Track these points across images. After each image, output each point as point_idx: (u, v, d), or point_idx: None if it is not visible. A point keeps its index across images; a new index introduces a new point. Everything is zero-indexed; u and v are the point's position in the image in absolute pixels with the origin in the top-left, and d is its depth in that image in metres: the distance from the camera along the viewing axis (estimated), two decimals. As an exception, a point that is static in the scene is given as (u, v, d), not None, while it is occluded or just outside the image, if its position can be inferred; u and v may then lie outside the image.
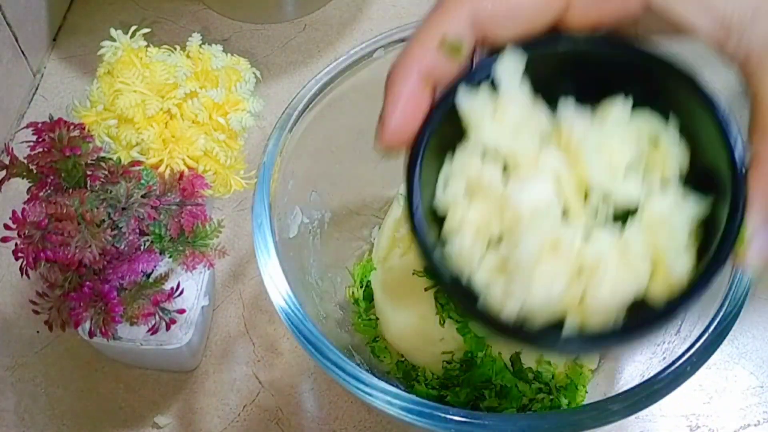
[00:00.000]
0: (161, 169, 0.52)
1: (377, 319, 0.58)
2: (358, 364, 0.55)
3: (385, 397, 0.43)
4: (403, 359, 0.57)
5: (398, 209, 0.60)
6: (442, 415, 0.41)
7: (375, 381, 0.43)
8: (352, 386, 0.43)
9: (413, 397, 0.43)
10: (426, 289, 0.54)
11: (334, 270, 0.59)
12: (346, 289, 0.60)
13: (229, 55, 0.55)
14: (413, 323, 0.55)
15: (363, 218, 0.63)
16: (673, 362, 0.42)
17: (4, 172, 0.49)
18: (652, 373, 0.43)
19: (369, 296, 0.59)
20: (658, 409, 0.58)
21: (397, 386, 0.55)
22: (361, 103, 0.57)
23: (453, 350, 0.55)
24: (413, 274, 0.55)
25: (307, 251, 0.56)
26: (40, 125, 0.49)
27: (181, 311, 0.51)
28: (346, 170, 0.60)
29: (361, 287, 0.59)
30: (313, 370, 0.60)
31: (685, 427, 0.58)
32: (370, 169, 0.61)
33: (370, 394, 0.43)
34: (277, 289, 0.46)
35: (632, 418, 0.57)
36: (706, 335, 0.44)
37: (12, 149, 0.50)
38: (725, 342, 0.60)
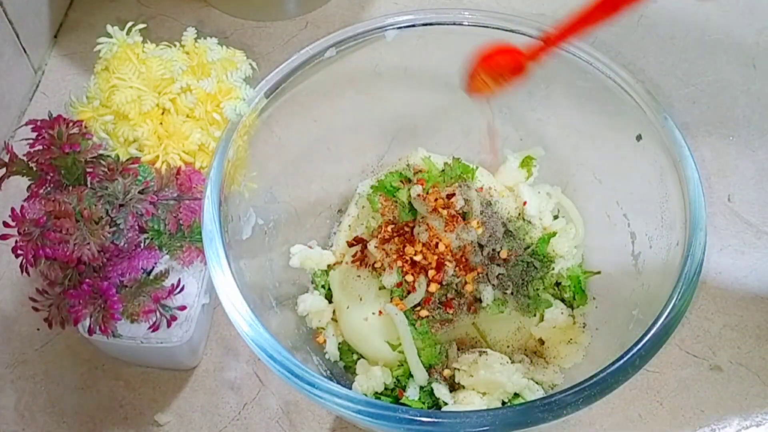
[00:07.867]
0: (157, 165, 0.52)
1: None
2: (317, 366, 0.53)
3: (336, 400, 0.41)
4: (361, 358, 0.56)
5: (355, 209, 0.60)
6: (396, 414, 0.41)
7: (326, 384, 0.42)
8: (303, 390, 0.42)
9: (367, 398, 0.42)
10: (381, 288, 0.54)
11: (292, 272, 0.58)
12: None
13: (224, 47, 0.55)
14: (369, 322, 0.54)
15: (320, 219, 0.62)
16: (623, 355, 0.43)
17: (3, 170, 0.49)
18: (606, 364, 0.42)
19: (329, 296, 0.58)
20: (660, 409, 0.58)
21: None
22: (315, 102, 0.57)
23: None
24: (370, 272, 0.55)
25: (263, 253, 0.55)
26: (39, 122, 0.49)
27: (182, 308, 0.51)
28: (302, 171, 0.59)
29: (322, 287, 0.59)
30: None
31: (688, 427, 0.57)
32: (326, 170, 0.60)
33: (321, 398, 0.41)
34: (227, 294, 0.45)
35: (636, 416, 0.57)
36: (648, 336, 0.43)
37: (12, 147, 0.50)
38: (726, 343, 0.61)
